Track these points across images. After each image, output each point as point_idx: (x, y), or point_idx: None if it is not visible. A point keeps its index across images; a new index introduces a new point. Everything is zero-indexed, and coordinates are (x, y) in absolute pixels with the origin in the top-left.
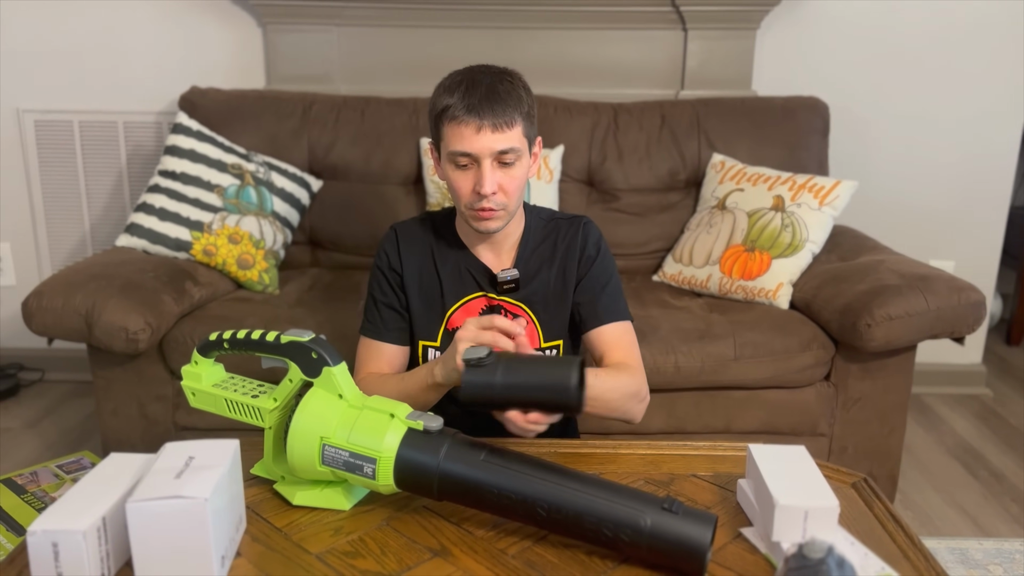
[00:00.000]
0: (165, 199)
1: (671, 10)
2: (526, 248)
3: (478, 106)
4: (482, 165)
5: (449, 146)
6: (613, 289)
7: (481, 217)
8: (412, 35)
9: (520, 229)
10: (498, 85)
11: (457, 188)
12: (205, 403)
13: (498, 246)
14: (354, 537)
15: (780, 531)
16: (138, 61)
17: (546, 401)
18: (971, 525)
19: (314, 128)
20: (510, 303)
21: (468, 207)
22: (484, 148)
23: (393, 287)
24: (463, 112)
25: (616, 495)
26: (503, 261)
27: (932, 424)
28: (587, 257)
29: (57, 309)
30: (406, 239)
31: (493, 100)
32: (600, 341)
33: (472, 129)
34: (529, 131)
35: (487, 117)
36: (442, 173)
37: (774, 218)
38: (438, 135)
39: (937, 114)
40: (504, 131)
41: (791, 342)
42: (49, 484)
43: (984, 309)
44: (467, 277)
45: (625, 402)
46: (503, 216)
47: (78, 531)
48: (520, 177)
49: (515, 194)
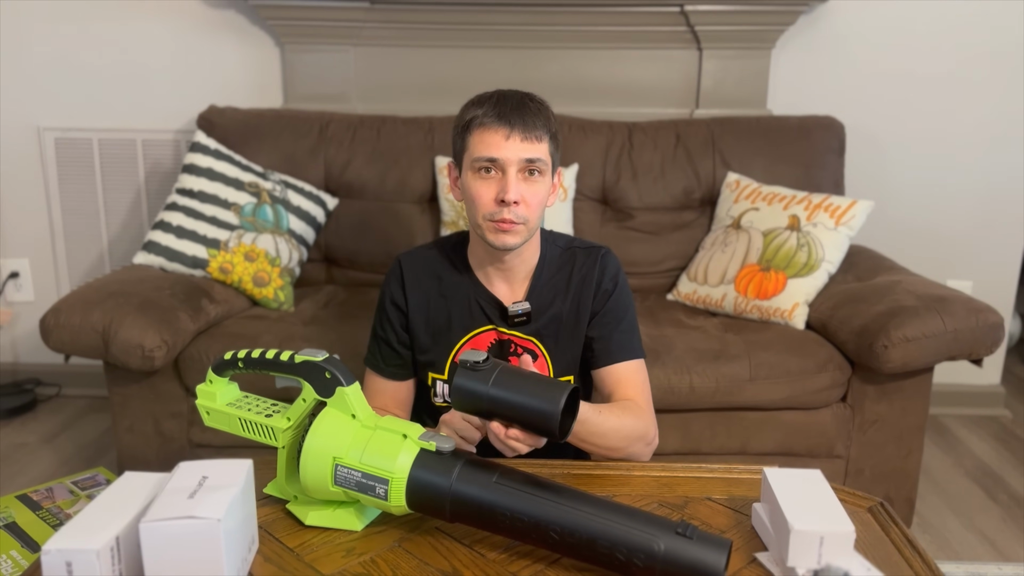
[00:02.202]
0: (182, 217)
1: (686, 30)
2: (540, 278)
3: (509, 114)
4: (507, 173)
5: (475, 153)
6: (628, 326)
7: (500, 229)
8: (428, 55)
9: (535, 258)
10: (528, 102)
11: (478, 197)
12: (219, 422)
13: (511, 275)
14: (366, 558)
15: (795, 556)
16: (157, 80)
17: (529, 420)
18: (990, 549)
19: (330, 147)
20: (520, 337)
21: (487, 218)
22: (512, 155)
23: (393, 324)
24: (493, 119)
25: (630, 519)
26: (515, 291)
27: (950, 446)
28: (603, 291)
29: (74, 326)
30: (411, 271)
31: (524, 112)
32: (611, 379)
33: (501, 136)
34: (554, 153)
35: (517, 125)
36: (460, 189)
37: (790, 237)
38: (462, 146)
39: (954, 133)
40: (533, 142)
41: (807, 363)
42: (64, 500)
43: (1002, 331)
44: (476, 309)
45: (629, 444)
46: (523, 232)
47: (92, 550)
48: (542, 193)
49: (536, 210)
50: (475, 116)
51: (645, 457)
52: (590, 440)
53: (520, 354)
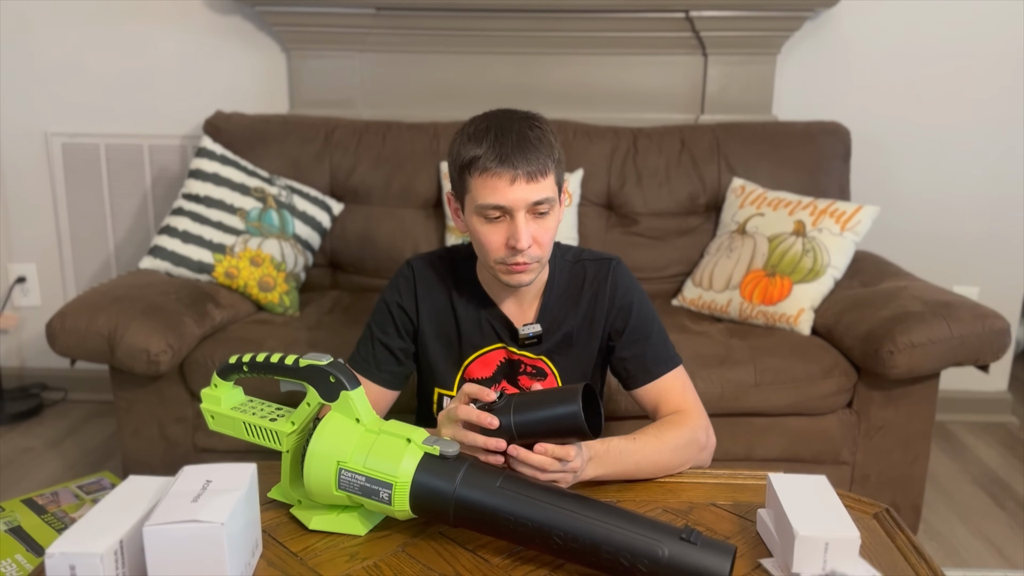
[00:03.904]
0: (188, 222)
1: (691, 35)
2: (550, 297)
3: (511, 156)
4: (515, 218)
5: (478, 199)
6: (658, 337)
7: (514, 271)
8: (433, 61)
9: (544, 276)
10: (528, 132)
11: (487, 243)
12: (224, 426)
13: (521, 296)
14: (369, 563)
15: (800, 562)
16: (164, 86)
17: (558, 428)
18: (997, 556)
19: (336, 152)
20: (530, 357)
21: (499, 262)
22: (519, 200)
23: (398, 328)
24: (495, 163)
25: (634, 524)
26: (525, 313)
27: (957, 452)
28: (621, 308)
29: (80, 330)
30: (423, 278)
31: (526, 149)
32: (653, 396)
33: (506, 181)
34: (559, 178)
35: (521, 167)
36: (465, 226)
37: (795, 243)
38: (463, 187)
39: (960, 139)
40: (539, 180)
41: (812, 369)
42: (69, 504)
43: (1009, 337)
44: (487, 327)
45: (679, 456)
46: (536, 269)
47: (95, 554)
48: (553, 228)
49: (548, 245)
50: (475, 157)
51: (705, 463)
52: (639, 468)
53: (532, 373)
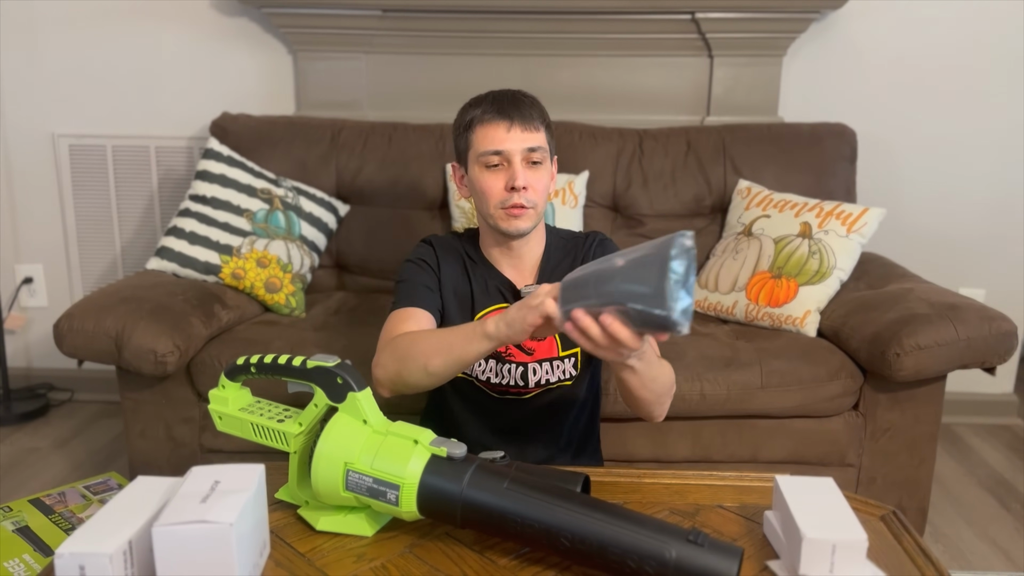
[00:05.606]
0: (195, 223)
1: (697, 37)
2: (548, 264)
3: (507, 108)
4: (513, 162)
5: (480, 148)
6: None
7: (513, 215)
8: (439, 63)
9: (541, 247)
10: (522, 97)
11: (487, 189)
12: (231, 427)
13: (521, 263)
14: (377, 564)
15: (807, 565)
16: (171, 87)
17: None
18: (1003, 559)
19: (342, 153)
20: None
21: (499, 206)
22: (515, 145)
23: (432, 270)
24: (493, 114)
25: (641, 526)
26: (526, 278)
27: (963, 455)
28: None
29: (87, 331)
30: (442, 247)
31: (520, 105)
32: None
33: (503, 129)
34: (550, 141)
35: (516, 117)
36: (468, 186)
37: (801, 245)
38: (466, 144)
39: (966, 140)
40: (532, 131)
41: (819, 371)
42: (76, 505)
43: (1016, 339)
44: (493, 290)
45: (666, 390)
46: (533, 216)
47: (104, 554)
48: (545, 179)
49: (542, 195)
50: (475, 115)
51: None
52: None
53: None
